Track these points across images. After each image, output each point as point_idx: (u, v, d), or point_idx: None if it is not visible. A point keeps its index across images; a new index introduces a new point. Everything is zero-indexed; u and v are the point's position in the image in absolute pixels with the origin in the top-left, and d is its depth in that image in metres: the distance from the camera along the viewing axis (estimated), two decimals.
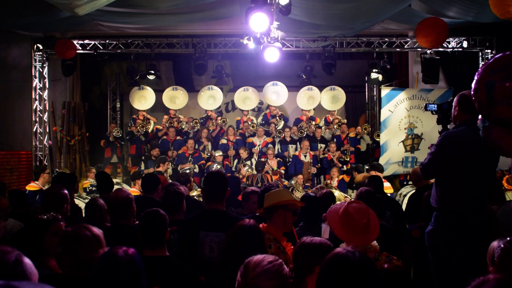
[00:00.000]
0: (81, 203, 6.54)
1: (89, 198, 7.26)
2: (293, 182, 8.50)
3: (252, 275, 1.81)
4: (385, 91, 9.42)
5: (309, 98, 11.51)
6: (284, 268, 1.87)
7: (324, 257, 2.01)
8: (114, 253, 1.89)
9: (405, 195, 7.89)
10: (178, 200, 3.58)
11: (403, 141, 9.26)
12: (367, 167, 8.45)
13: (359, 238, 2.57)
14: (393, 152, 9.29)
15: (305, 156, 9.92)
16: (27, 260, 1.61)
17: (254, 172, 9.01)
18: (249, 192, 4.16)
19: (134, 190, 6.79)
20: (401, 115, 9.28)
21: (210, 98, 11.57)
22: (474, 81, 2.32)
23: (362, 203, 2.73)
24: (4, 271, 1.53)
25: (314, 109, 11.72)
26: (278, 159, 10.06)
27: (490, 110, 2.24)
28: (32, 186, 7.10)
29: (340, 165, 9.82)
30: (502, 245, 1.95)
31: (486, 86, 2.23)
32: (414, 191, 6.28)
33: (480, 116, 2.52)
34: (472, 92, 2.34)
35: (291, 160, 10.07)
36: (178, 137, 10.71)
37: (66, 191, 3.43)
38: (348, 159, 9.94)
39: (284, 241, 2.93)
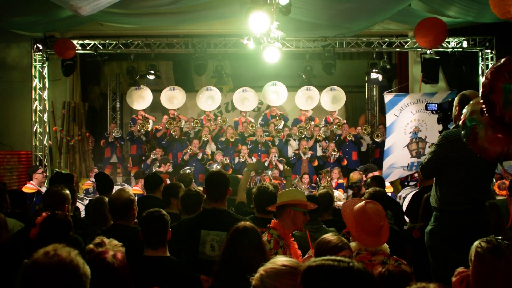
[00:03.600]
0: (80, 204, 6.55)
1: (87, 198, 7.27)
2: (295, 180, 8.51)
3: (263, 272, 1.79)
4: (388, 97, 9.34)
5: (308, 98, 11.51)
6: (298, 273, 1.83)
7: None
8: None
9: (404, 197, 7.87)
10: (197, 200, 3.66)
11: (407, 145, 9.18)
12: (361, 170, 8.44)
13: (372, 240, 2.55)
14: (397, 157, 9.21)
15: (304, 154, 9.95)
16: None
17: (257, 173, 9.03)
18: None
19: (136, 189, 6.82)
20: (408, 119, 9.18)
21: (209, 99, 11.58)
22: (488, 81, 2.29)
23: (378, 204, 2.71)
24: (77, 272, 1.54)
25: (312, 109, 11.72)
26: (281, 158, 10.09)
27: (504, 113, 2.23)
28: (29, 188, 7.03)
29: (332, 159, 9.82)
30: (478, 245, 1.96)
31: (504, 88, 2.21)
32: (414, 191, 6.29)
33: (462, 119, 2.51)
34: (485, 93, 2.31)
35: (293, 157, 10.10)
36: (183, 137, 10.72)
37: (67, 191, 3.43)
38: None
39: (290, 239, 2.92)
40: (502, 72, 2.24)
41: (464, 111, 2.58)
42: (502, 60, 2.29)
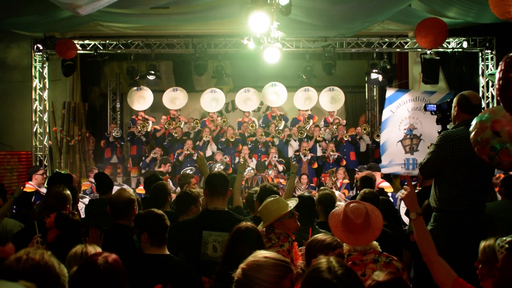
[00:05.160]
0: (80, 202, 6.56)
1: (87, 197, 7.29)
2: (295, 181, 8.53)
3: (244, 266, 1.81)
4: (390, 91, 9.39)
5: (306, 99, 11.53)
6: (280, 264, 1.83)
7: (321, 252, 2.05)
8: (93, 260, 1.86)
9: (401, 199, 7.85)
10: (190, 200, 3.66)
11: (401, 141, 9.24)
12: (365, 168, 8.46)
13: (357, 238, 2.57)
14: (394, 153, 9.26)
15: (304, 155, 9.95)
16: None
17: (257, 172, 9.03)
18: None
19: (141, 189, 6.87)
20: (402, 116, 9.26)
21: (213, 100, 11.61)
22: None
23: (361, 203, 2.74)
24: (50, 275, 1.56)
25: (311, 109, 11.73)
26: (280, 159, 10.10)
27: None
28: (27, 188, 7.01)
29: (331, 160, 9.83)
30: (506, 246, 1.93)
31: None
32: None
33: (485, 149, 2.53)
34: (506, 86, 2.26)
35: (293, 158, 10.11)
36: (184, 137, 10.74)
37: (68, 192, 3.44)
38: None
39: (293, 238, 2.99)
40: None
41: (475, 141, 2.59)
42: None
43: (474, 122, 2.67)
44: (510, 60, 2.15)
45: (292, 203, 3.05)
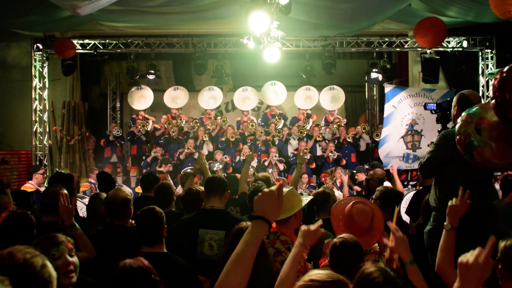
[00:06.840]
0: (80, 202, 6.57)
1: (87, 197, 7.28)
2: None
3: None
4: (388, 87, 9.38)
5: (307, 98, 11.52)
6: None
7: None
8: (121, 263, 1.84)
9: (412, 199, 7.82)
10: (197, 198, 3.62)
11: (403, 137, 9.21)
12: (367, 167, 8.45)
13: (361, 241, 2.55)
14: (393, 146, 9.22)
15: (303, 154, 9.94)
16: (50, 264, 1.57)
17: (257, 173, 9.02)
18: None
19: (140, 188, 6.86)
20: (405, 111, 9.19)
21: (211, 98, 11.63)
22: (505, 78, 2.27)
23: (367, 204, 2.70)
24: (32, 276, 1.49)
25: (311, 109, 11.72)
26: (281, 158, 10.09)
27: None
28: (27, 187, 7.01)
29: (330, 160, 9.81)
30: None
31: None
32: (412, 192, 6.27)
33: (462, 141, 2.53)
34: (499, 88, 2.26)
35: (292, 158, 10.10)
36: (180, 137, 10.73)
37: (65, 191, 3.43)
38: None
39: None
40: None
41: (458, 132, 2.60)
42: None
43: (463, 114, 2.67)
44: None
45: (306, 198, 2.94)
